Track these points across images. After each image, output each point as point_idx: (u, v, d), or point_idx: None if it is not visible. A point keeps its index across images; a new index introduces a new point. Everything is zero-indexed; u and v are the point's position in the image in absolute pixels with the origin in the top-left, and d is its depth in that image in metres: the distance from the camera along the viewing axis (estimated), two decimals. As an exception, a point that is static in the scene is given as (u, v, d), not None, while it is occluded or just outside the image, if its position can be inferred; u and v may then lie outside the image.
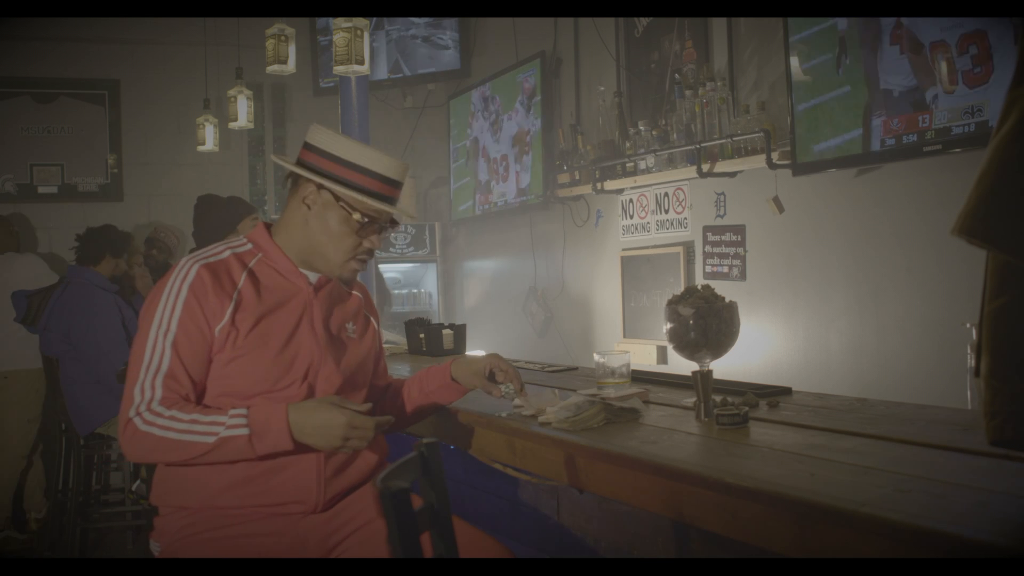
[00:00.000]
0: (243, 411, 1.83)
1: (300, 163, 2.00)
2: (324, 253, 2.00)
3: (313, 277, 2.04)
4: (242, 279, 1.95)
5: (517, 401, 2.14)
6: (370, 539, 1.94)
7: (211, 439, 1.81)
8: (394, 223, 2.06)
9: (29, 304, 4.68)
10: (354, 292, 2.17)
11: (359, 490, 2.05)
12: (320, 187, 1.97)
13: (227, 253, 1.99)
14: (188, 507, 1.93)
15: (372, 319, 2.20)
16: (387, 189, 1.99)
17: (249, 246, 2.03)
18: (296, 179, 2.02)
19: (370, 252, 2.03)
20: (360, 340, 2.12)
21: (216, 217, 3.69)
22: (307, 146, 2.01)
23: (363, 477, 2.05)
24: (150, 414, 1.83)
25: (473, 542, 1.89)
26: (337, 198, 1.96)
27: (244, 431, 1.81)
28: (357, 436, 1.83)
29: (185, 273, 1.92)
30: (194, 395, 1.90)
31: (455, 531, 1.56)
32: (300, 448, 1.86)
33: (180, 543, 1.91)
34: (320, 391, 1.98)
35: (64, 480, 4.75)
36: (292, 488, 1.92)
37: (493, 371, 2.19)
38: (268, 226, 2.08)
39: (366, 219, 1.98)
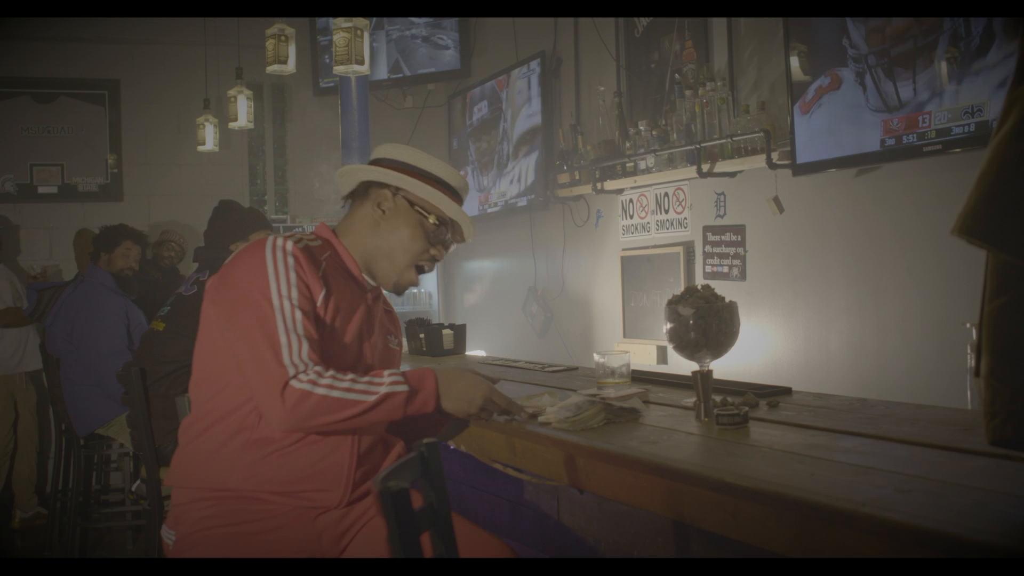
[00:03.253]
0: (397, 371, 1.89)
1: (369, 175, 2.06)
2: (391, 256, 2.02)
3: (372, 284, 2.07)
4: (322, 268, 1.96)
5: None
6: (376, 531, 1.94)
7: (372, 397, 1.83)
8: (454, 242, 2.11)
9: (39, 299, 4.69)
10: (390, 309, 2.21)
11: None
12: (396, 192, 2.02)
13: (303, 242, 1.98)
14: (212, 495, 1.90)
15: (399, 338, 2.25)
16: (456, 199, 2.06)
17: (319, 242, 2.03)
18: (367, 187, 2.05)
19: (432, 261, 2.07)
20: (397, 353, 2.18)
21: (232, 221, 3.69)
22: (377, 160, 2.08)
23: None
24: (311, 374, 1.81)
25: (474, 540, 1.90)
26: (412, 203, 2.02)
27: (404, 387, 1.85)
28: (490, 408, 1.96)
29: (283, 246, 1.90)
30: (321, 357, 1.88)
31: (456, 529, 1.56)
32: (440, 413, 1.93)
33: (196, 536, 1.90)
34: None
35: (64, 480, 4.75)
36: (325, 476, 1.92)
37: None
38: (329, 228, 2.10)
39: (438, 224, 2.03)
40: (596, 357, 2.31)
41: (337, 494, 1.94)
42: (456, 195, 2.07)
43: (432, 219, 2.02)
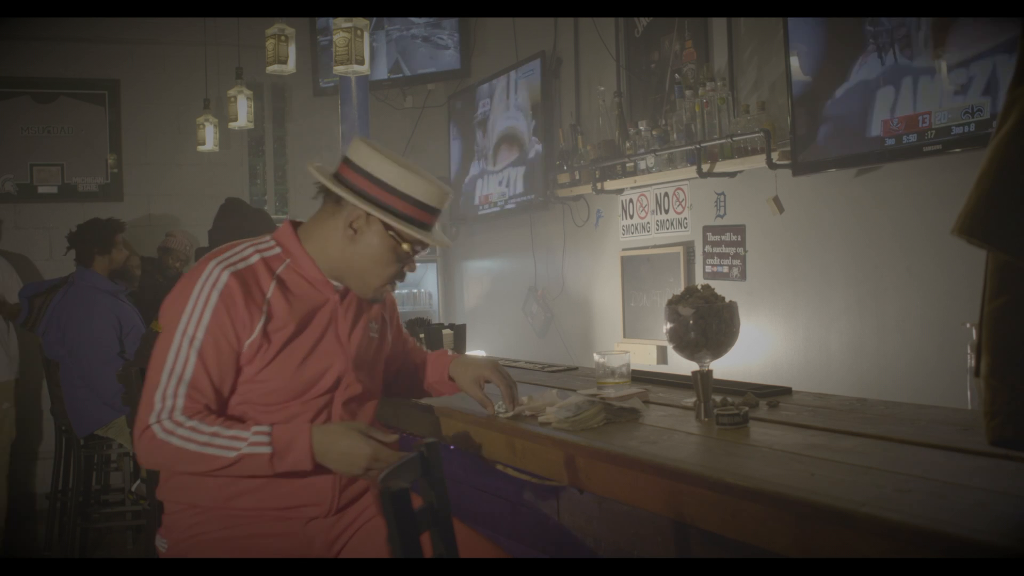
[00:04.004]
0: (266, 428, 1.81)
1: (342, 181, 1.94)
2: (363, 277, 1.97)
3: (339, 286, 2.02)
4: (271, 289, 1.90)
5: (509, 415, 2.14)
6: (372, 535, 1.94)
7: (232, 454, 1.78)
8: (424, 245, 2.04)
9: (31, 306, 4.66)
10: None
11: (365, 493, 2.05)
12: (371, 214, 1.93)
13: (255, 257, 1.93)
14: (200, 506, 1.91)
15: (386, 316, 2.19)
16: (431, 218, 1.97)
17: (277, 250, 1.97)
18: (340, 197, 1.95)
19: (404, 277, 2.03)
20: (380, 340, 2.12)
21: (233, 226, 3.69)
22: (351, 165, 1.94)
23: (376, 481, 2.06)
24: (170, 423, 1.80)
25: (468, 544, 1.89)
26: (387, 227, 1.93)
27: (267, 449, 1.79)
28: (378, 468, 1.80)
29: (215, 280, 1.86)
30: (216, 406, 1.86)
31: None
32: (318, 468, 1.84)
33: (188, 542, 1.90)
34: (339, 399, 1.97)
35: (64, 480, 4.75)
36: (309, 492, 1.92)
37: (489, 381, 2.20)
38: (295, 226, 2.02)
39: (411, 249, 1.97)
40: (596, 357, 2.31)
41: (324, 506, 1.94)
42: (433, 213, 1.97)
43: (405, 245, 1.94)
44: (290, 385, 1.90)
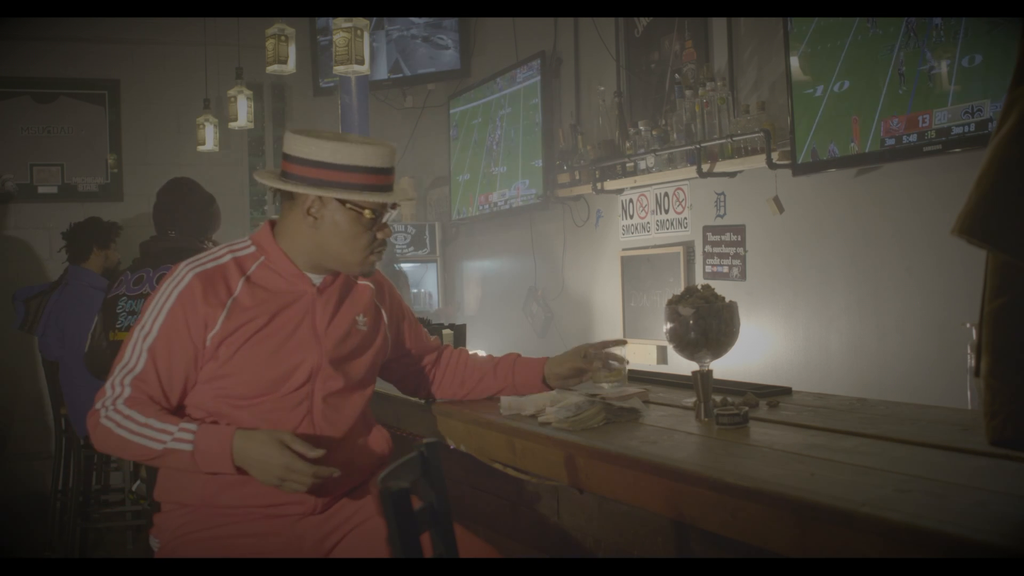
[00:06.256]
0: (193, 427, 1.85)
1: (287, 175, 1.97)
2: (341, 256, 1.99)
3: (317, 279, 2.03)
4: (239, 286, 1.95)
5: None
6: (366, 537, 1.94)
7: (158, 446, 1.84)
8: (395, 205, 2.05)
9: (27, 309, 4.66)
10: (365, 282, 2.14)
11: (355, 491, 2.05)
12: (322, 196, 1.96)
13: (227, 257, 1.99)
14: (188, 504, 1.93)
15: (383, 309, 2.19)
16: (384, 179, 1.98)
17: (252, 249, 2.02)
18: (291, 192, 1.99)
19: (384, 242, 2.04)
20: (370, 333, 2.11)
21: (211, 215, 3.73)
22: (289, 158, 1.97)
23: (363, 477, 2.06)
24: (113, 410, 1.87)
25: (462, 545, 1.90)
26: (343, 202, 1.95)
27: (188, 447, 1.84)
28: (293, 479, 1.82)
29: (179, 280, 1.94)
30: (164, 398, 1.92)
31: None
32: (243, 472, 1.86)
33: (178, 540, 1.92)
34: (318, 394, 1.98)
35: (64, 480, 4.75)
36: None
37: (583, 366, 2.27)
38: (273, 224, 2.06)
39: (375, 214, 1.98)
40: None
41: (308, 505, 1.95)
42: (384, 174, 1.98)
43: (367, 212, 1.96)
44: (261, 378, 1.93)
